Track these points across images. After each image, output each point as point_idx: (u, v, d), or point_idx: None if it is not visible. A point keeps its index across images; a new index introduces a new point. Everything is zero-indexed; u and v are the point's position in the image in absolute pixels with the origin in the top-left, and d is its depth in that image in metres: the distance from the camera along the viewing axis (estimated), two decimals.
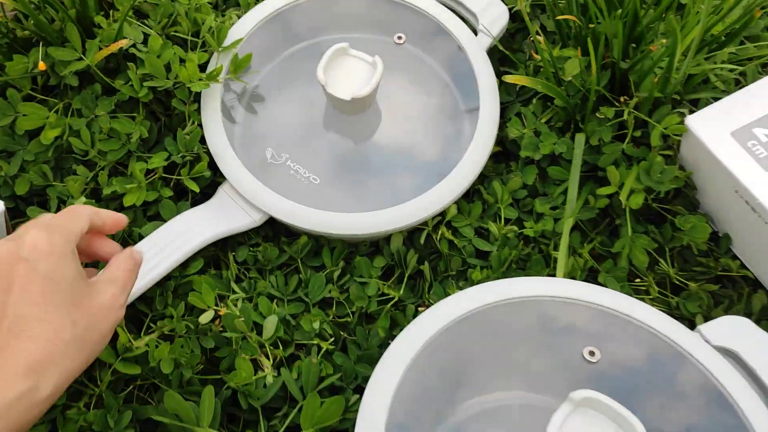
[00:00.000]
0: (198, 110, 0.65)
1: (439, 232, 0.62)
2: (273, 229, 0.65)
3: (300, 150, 0.64)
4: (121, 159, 0.62)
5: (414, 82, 0.67)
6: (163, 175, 0.63)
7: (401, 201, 0.60)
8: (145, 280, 0.56)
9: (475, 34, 0.68)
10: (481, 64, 0.65)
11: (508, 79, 0.59)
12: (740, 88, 0.64)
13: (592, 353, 0.49)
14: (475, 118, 0.63)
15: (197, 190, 0.61)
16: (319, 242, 0.63)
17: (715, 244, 0.62)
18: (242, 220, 0.61)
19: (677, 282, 0.61)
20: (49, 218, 0.43)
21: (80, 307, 0.40)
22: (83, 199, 0.60)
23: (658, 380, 0.48)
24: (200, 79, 0.62)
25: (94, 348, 0.41)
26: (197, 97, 0.65)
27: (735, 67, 0.59)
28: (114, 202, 0.63)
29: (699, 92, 0.62)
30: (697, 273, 0.61)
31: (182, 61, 0.64)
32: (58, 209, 0.61)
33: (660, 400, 0.48)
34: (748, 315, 0.59)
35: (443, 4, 0.70)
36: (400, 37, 0.68)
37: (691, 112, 0.61)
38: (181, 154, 0.62)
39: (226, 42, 0.65)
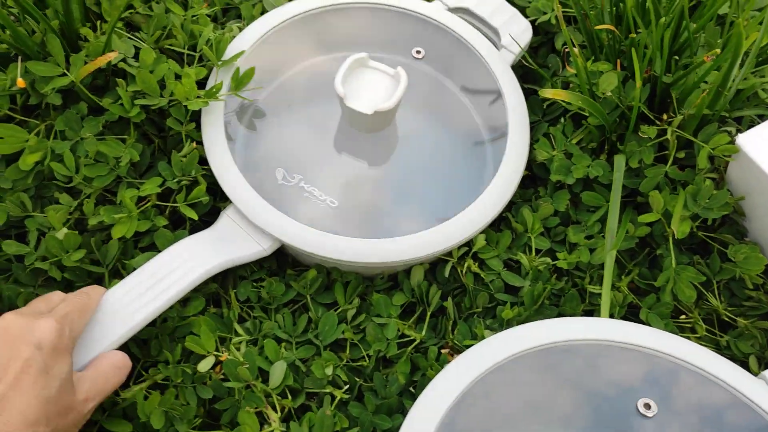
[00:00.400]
0: (197, 129, 0.58)
1: (465, 265, 0.56)
2: (278, 261, 0.58)
3: (315, 171, 0.57)
4: (109, 186, 0.56)
5: (434, 100, 0.61)
6: (157, 202, 0.56)
7: (425, 228, 0.54)
8: (136, 320, 0.49)
9: (498, 50, 0.63)
10: (507, 80, 0.60)
11: (546, 93, 0.53)
12: None
13: (647, 406, 0.43)
14: (502, 139, 0.58)
15: (195, 217, 0.55)
16: (330, 276, 0.57)
17: (765, 277, 0.56)
18: (249, 248, 0.54)
19: (726, 318, 0.55)
20: (64, 307, 0.45)
21: (57, 404, 0.42)
22: (65, 230, 0.53)
23: None
24: (198, 97, 0.56)
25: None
26: (194, 116, 0.59)
27: None
28: (101, 234, 0.56)
29: (745, 109, 0.57)
30: (747, 308, 0.55)
31: (178, 76, 0.58)
32: (38, 242, 0.54)
33: None
34: None
35: (464, 20, 0.64)
36: (419, 52, 0.62)
37: (738, 130, 0.56)
38: (176, 179, 0.56)
39: (227, 56, 0.60)
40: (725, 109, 0.55)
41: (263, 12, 0.66)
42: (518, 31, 0.64)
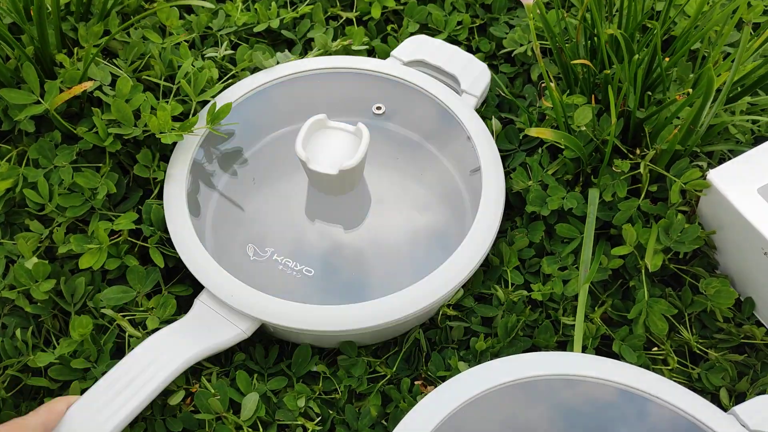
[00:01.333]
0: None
1: (440, 312, 0.55)
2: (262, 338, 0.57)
3: (287, 242, 0.55)
4: (82, 216, 0.55)
5: (400, 153, 0.60)
6: (129, 238, 0.55)
7: (406, 285, 0.52)
8: (111, 425, 0.45)
9: (459, 95, 0.63)
10: (474, 125, 0.60)
11: (531, 132, 0.54)
12: (756, 141, 0.60)
13: None
14: (475, 183, 0.57)
15: (161, 264, 0.54)
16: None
17: (736, 309, 0.56)
18: (228, 332, 0.51)
19: (697, 351, 0.55)
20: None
21: None
22: (35, 259, 0.53)
23: None
24: (173, 129, 0.56)
25: None
26: (165, 158, 0.58)
27: (759, 117, 0.54)
28: (69, 262, 0.56)
29: (715, 144, 0.58)
30: (717, 340, 0.56)
31: (153, 109, 0.57)
32: (6, 270, 0.54)
33: None
34: None
35: (421, 71, 0.64)
36: (379, 108, 0.61)
37: (710, 165, 0.57)
38: (150, 226, 0.55)
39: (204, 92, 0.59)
40: (697, 144, 0.56)
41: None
42: (476, 75, 0.64)
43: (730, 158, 0.55)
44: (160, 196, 0.57)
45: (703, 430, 0.44)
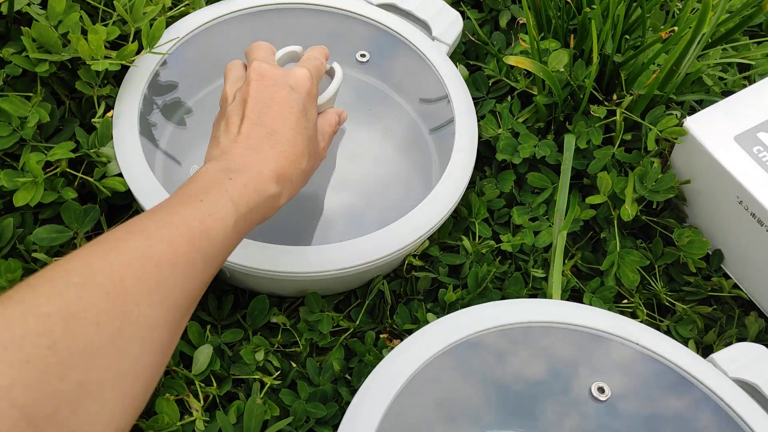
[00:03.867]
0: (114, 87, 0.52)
1: (405, 261, 0.52)
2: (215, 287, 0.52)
3: None
4: (10, 149, 0.49)
5: (372, 103, 0.57)
6: (67, 170, 0.50)
7: (371, 231, 0.48)
8: None
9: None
10: (447, 71, 0.56)
11: (510, 60, 0.51)
12: (723, 92, 0.59)
13: (601, 390, 0.41)
14: (448, 133, 0.54)
15: (108, 194, 0.49)
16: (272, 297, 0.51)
17: (704, 261, 0.56)
18: None
19: (666, 303, 0.54)
20: (312, 62, 0.46)
21: (313, 143, 0.43)
22: None
23: (675, 417, 0.41)
24: (107, 57, 0.50)
25: (307, 180, 0.44)
26: (110, 79, 0.53)
27: (740, 59, 0.53)
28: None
29: (689, 94, 0.57)
30: (686, 293, 0.55)
31: (84, 32, 0.51)
32: None
33: None
34: (742, 338, 0.54)
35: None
36: (363, 55, 0.57)
37: (682, 114, 0.55)
38: (93, 150, 0.50)
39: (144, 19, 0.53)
40: (673, 92, 0.54)
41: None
42: (449, 22, 0.60)
43: (699, 110, 0.54)
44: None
45: (684, 377, 0.43)
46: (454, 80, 0.56)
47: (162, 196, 0.47)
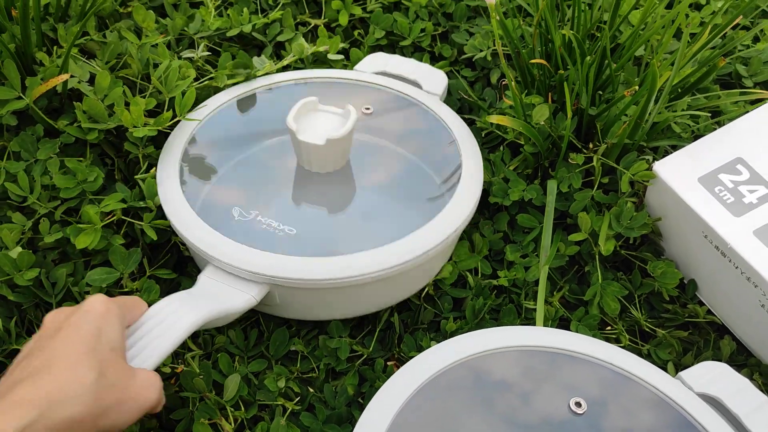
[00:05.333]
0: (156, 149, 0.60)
1: (425, 290, 0.59)
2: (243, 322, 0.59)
3: (271, 207, 0.56)
4: (72, 202, 0.57)
5: (384, 146, 0.63)
6: (122, 217, 0.57)
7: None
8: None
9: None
10: (444, 111, 0.64)
11: (492, 119, 0.58)
12: (695, 137, 0.66)
13: (578, 404, 0.47)
14: (452, 164, 0.60)
15: (155, 237, 0.56)
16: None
17: (681, 290, 0.61)
18: (238, 299, 0.51)
19: (647, 329, 0.60)
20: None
21: (114, 366, 0.41)
22: (19, 249, 0.54)
23: (646, 429, 0.47)
24: (146, 125, 0.58)
25: (109, 410, 0.40)
26: (153, 141, 0.61)
27: (701, 114, 0.60)
28: (51, 253, 0.57)
29: (660, 140, 0.63)
30: (665, 320, 0.61)
31: (127, 104, 0.59)
32: None
33: None
34: (717, 360, 0.59)
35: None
36: (367, 108, 0.64)
37: (654, 159, 0.62)
38: (140, 200, 0.57)
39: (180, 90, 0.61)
40: (643, 140, 0.61)
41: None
42: (436, 78, 0.68)
43: (671, 153, 0.60)
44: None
45: (653, 392, 0.48)
46: (449, 115, 0.64)
47: (201, 226, 0.53)
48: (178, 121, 0.60)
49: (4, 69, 0.57)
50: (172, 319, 0.47)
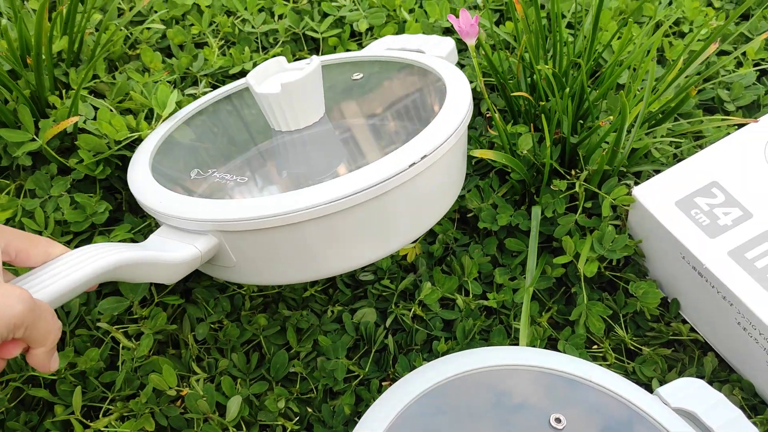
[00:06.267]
0: None
1: (412, 310, 0.62)
2: (232, 302, 0.63)
3: (228, 165, 0.54)
4: (84, 235, 0.61)
5: (370, 101, 0.60)
6: None
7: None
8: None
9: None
10: (438, 63, 0.60)
11: (476, 153, 0.61)
12: (678, 160, 0.68)
13: (558, 420, 0.50)
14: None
15: None
16: (285, 322, 0.62)
17: (665, 309, 0.64)
18: (182, 251, 0.48)
19: (632, 347, 0.62)
20: None
21: None
22: None
23: None
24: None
25: None
26: None
27: (678, 140, 0.62)
28: None
29: (641, 165, 0.66)
30: (650, 338, 0.63)
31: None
32: None
33: None
34: (700, 377, 0.61)
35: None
36: (358, 74, 0.63)
37: (636, 183, 0.65)
38: (147, 222, 0.61)
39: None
40: (624, 165, 0.64)
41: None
42: (438, 42, 0.66)
43: (653, 177, 0.63)
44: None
45: (631, 408, 0.51)
46: (441, 65, 0.59)
47: (155, 186, 0.52)
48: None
49: (20, 114, 0.61)
50: (88, 257, 0.43)
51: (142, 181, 0.53)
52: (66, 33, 0.68)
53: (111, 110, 0.63)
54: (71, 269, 0.42)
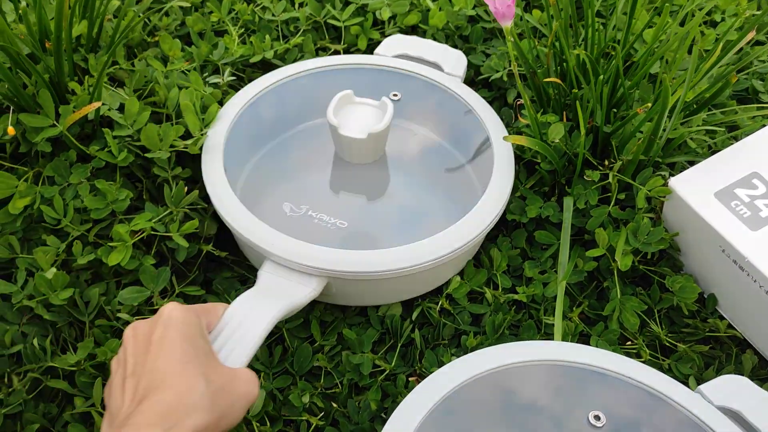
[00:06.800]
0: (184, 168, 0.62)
1: (439, 304, 0.60)
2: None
3: (320, 200, 0.61)
4: (103, 223, 0.59)
5: (415, 131, 0.67)
6: (152, 232, 0.59)
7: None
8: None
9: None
10: (466, 92, 0.67)
11: (509, 139, 0.59)
12: (712, 152, 0.66)
13: (597, 418, 0.48)
14: (486, 154, 0.63)
15: (186, 245, 0.58)
16: (308, 314, 0.60)
17: (700, 305, 0.62)
18: (300, 292, 0.54)
19: (667, 344, 0.60)
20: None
21: (215, 370, 0.42)
22: (54, 270, 0.56)
23: None
24: (172, 146, 0.60)
25: (225, 412, 0.41)
26: (180, 162, 0.63)
27: (715, 128, 0.60)
28: (85, 274, 0.59)
29: (675, 156, 0.64)
30: (685, 334, 0.61)
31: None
32: (25, 282, 0.57)
33: None
34: (739, 374, 0.59)
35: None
36: (395, 95, 0.68)
37: (671, 174, 0.62)
38: (169, 212, 0.59)
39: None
40: (658, 156, 0.62)
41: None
42: (455, 59, 0.72)
43: (689, 168, 0.61)
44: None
45: (673, 406, 0.49)
46: (474, 99, 0.67)
47: (259, 224, 0.56)
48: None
49: (40, 98, 0.60)
50: (251, 319, 0.49)
51: (242, 217, 0.57)
52: (85, 17, 0.66)
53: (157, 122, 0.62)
54: (247, 336, 0.48)
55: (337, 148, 0.63)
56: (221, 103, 0.67)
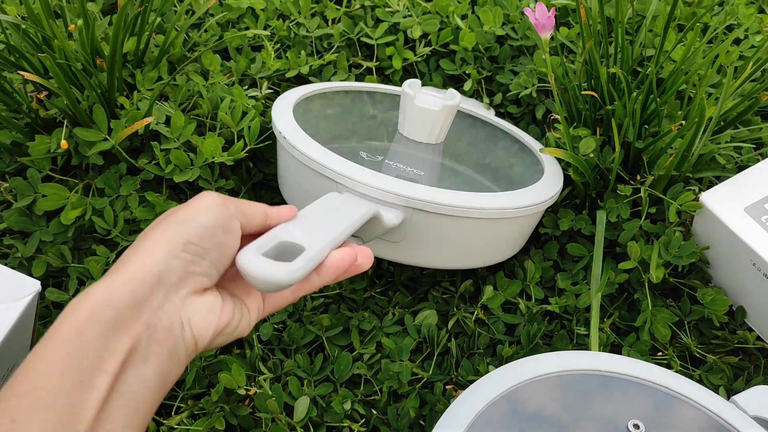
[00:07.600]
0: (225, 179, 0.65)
1: (474, 314, 0.62)
2: (295, 303, 0.63)
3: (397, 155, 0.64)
4: None
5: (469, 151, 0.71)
6: None
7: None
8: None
9: None
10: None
11: (545, 151, 0.61)
12: (739, 167, 0.68)
13: (636, 426, 0.49)
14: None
15: None
16: (348, 321, 0.62)
17: (729, 317, 0.63)
18: (387, 214, 0.54)
19: (697, 355, 0.62)
20: None
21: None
22: None
23: None
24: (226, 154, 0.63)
25: (231, 221, 0.40)
26: (223, 174, 0.65)
27: (744, 144, 0.62)
28: None
29: (703, 171, 0.66)
30: (715, 345, 0.62)
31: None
32: (76, 291, 0.59)
33: None
34: None
35: None
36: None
37: (700, 189, 0.64)
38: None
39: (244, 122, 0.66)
40: (689, 171, 0.63)
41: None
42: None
43: (716, 184, 0.62)
44: None
45: (709, 415, 0.50)
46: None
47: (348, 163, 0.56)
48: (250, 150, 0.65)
49: (95, 114, 0.62)
50: (347, 207, 0.50)
51: (331, 157, 0.56)
52: (134, 34, 0.68)
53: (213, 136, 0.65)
54: (344, 218, 0.48)
55: (404, 124, 0.66)
56: (263, 115, 0.69)
